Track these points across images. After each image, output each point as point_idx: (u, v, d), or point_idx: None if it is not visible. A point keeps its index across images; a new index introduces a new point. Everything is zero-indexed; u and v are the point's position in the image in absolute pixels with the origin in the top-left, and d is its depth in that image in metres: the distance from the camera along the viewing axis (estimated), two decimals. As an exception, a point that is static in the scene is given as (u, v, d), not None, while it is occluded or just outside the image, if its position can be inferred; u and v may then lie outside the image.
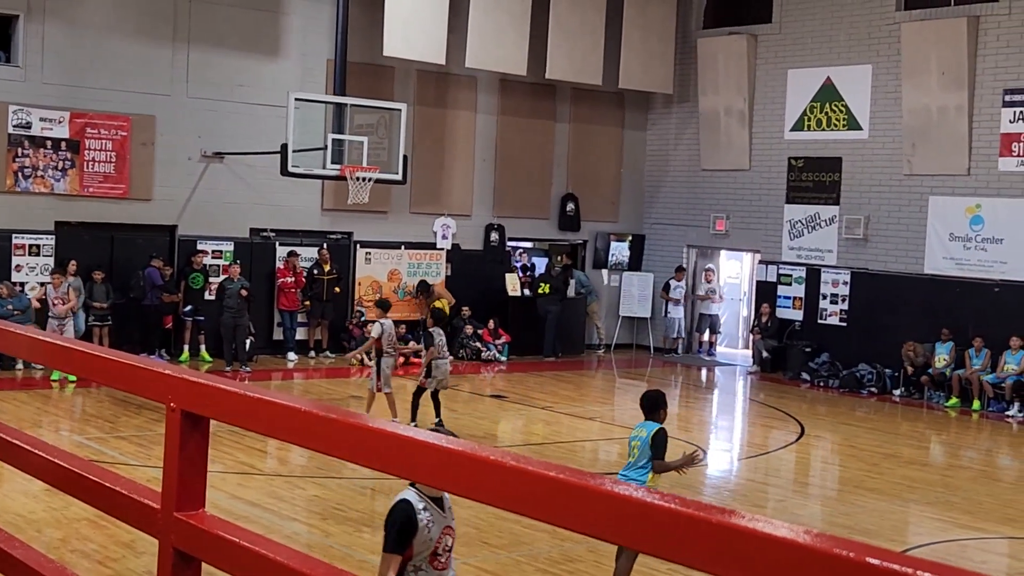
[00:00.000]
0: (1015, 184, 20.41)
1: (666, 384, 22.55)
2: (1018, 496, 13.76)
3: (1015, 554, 11.48)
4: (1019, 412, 19.35)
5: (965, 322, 20.58)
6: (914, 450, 16.63)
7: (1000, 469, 16.03)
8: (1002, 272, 20.51)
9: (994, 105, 20.71)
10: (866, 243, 22.48)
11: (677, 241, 25.88)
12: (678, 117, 26.00)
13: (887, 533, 11.48)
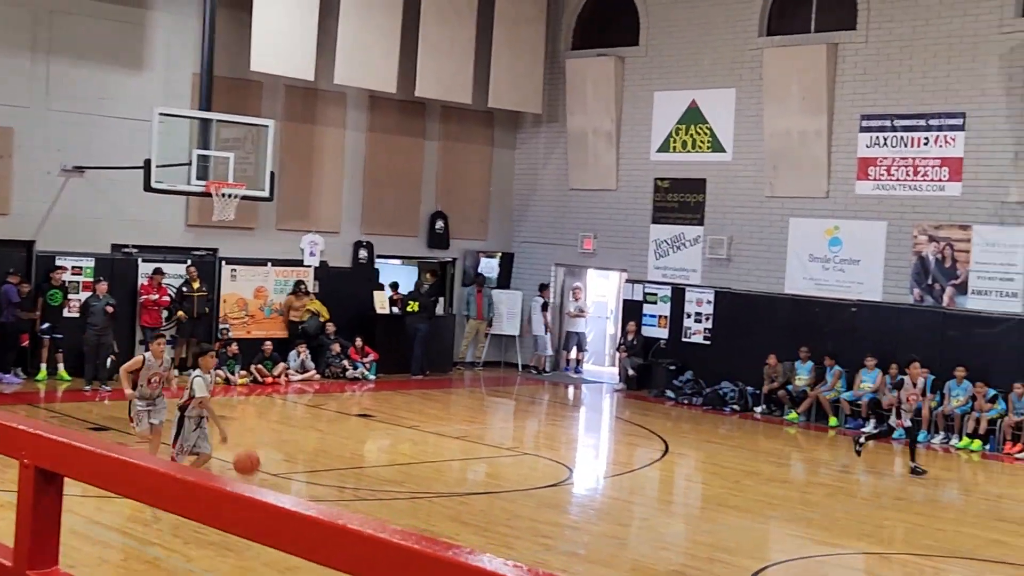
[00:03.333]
0: (871, 207, 21.05)
1: (534, 402, 22.69)
2: (872, 512, 14.16)
3: (870, 569, 11.81)
4: (874, 429, 19.92)
5: (825, 340, 21.13)
6: (774, 467, 16.99)
7: (854, 485, 16.47)
8: (859, 292, 21.13)
9: (851, 130, 21.35)
10: (729, 263, 22.95)
11: (545, 259, 26.09)
12: (547, 137, 26.23)
13: (748, 550, 11.71)
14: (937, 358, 19.71)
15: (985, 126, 19.78)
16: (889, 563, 11.79)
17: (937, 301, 20.26)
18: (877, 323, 20.73)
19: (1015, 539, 12.94)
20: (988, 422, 18.92)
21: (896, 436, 18.06)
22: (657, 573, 10.67)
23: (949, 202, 20.17)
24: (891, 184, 20.86)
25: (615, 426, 21.09)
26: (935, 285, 20.27)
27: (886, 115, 20.93)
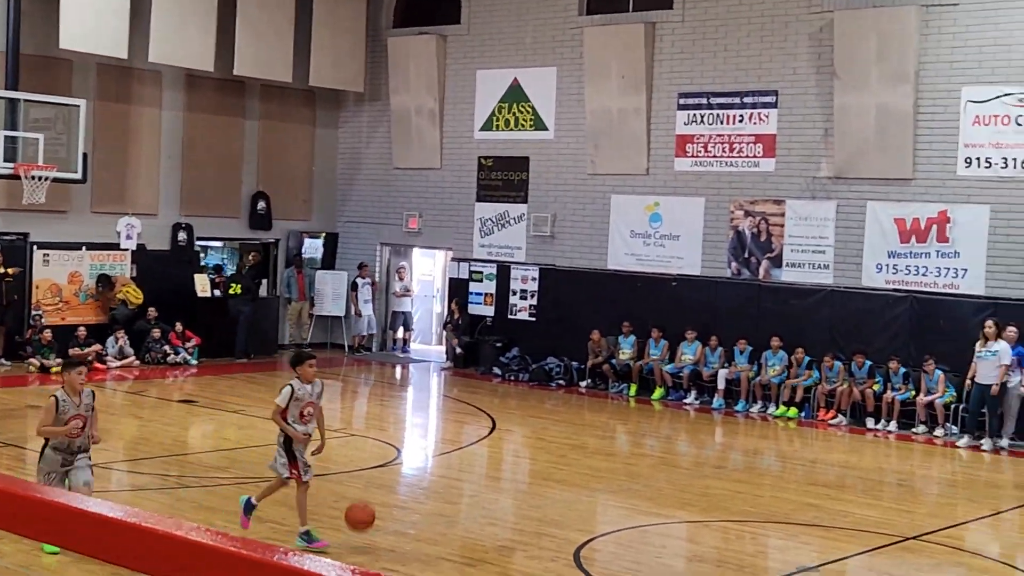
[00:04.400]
0: (689, 183, 21.51)
1: (361, 383, 22.55)
2: (694, 481, 14.50)
3: (691, 536, 12.09)
4: (696, 400, 20.43)
5: (647, 315, 21.53)
6: (600, 440, 17.26)
7: (678, 455, 16.85)
8: (679, 267, 21.58)
9: (670, 108, 21.76)
10: (553, 240, 23.17)
11: (370, 239, 25.91)
12: (370, 115, 26.03)
13: (574, 523, 11.86)
14: (754, 329, 20.31)
15: (796, 104, 20.40)
16: (710, 530, 12.08)
17: (753, 274, 20.84)
18: (697, 296, 21.22)
19: (828, 502, 13.42)
20: (803, 390, 19.57)
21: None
22: (485, 549, 10.72)
23: (764, 178, 20.75)
24: (708, 161, 21.35)
25: (443, 404, 21.12)
26: (751, 258, 20.85)
27: (702, 93, 21.39)
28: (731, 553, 11.10)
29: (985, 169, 18.58)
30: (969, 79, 18.68)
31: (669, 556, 11.39)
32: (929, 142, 19.10)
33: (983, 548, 12.11)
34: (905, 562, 11.16)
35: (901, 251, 19.35)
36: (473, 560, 10.37)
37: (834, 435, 18.46)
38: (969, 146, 18.72)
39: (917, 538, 11.91)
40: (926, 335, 18.94)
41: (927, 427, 18.35)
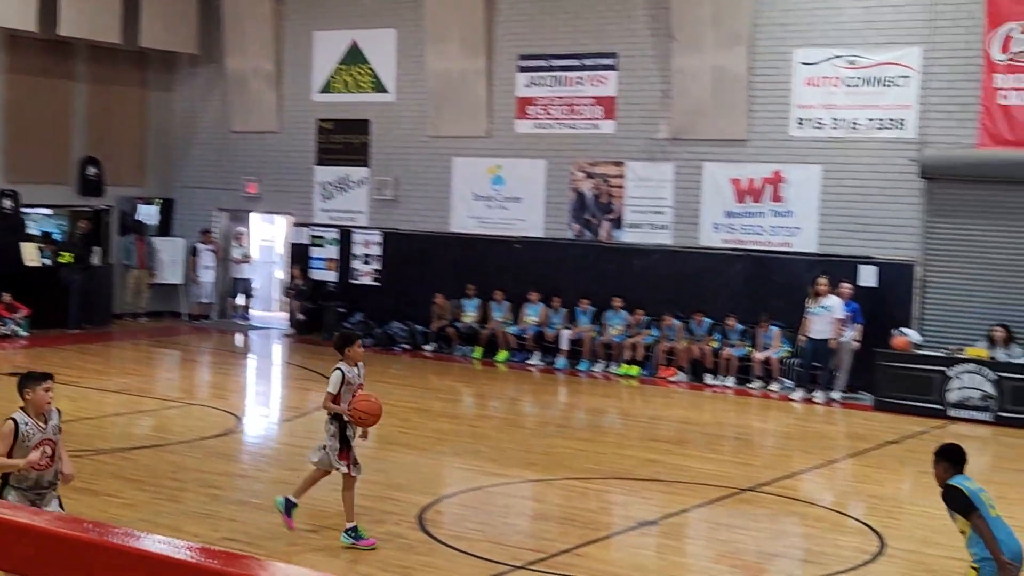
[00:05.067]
0: (531, 145, 21.55)
1: (201, 351, 22.09)
2: (538, 440, 14.60)
3: (536, 495, 12.16)
4: (540, 361, 20.57)
5: (490, 277, 21.57)
6: (444, 403, 17.24)
7: (522, 416, 16.95)
8: (522, 229, 21.65)
9: (510, 70, 21.74)
10: (396, 204, 23.00)
11: (208, 205, 25.33)
12: (205, 78, 25.39)
13: (418, 486, 11.82)
14: (596, 290, 20.51)
15: (635, 66, 20.58)
16: (554, 488, 12.18)
17: (595, 235, 21.02)
18: (539, 258, 21.33)
19: (668, 457, 13.65)
20: (644, 348, 19.86)
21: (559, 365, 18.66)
22: (328, 516, 10.60)
23: (604, 139, 20.91)
24: (549, 123, 21.41)
25: (285, 371, 20.84)
26: (592, 220, 21.02)
27: (543, 55, 21.42)
28: (575, 510, 11.20)
29: (816, 130, 19.04)
30: (800, 41, 19.09)
31: (514, 515, 11.44)
32: (763, 104, 19.48)
33: (816, 497, 12.47)
34: (742, 513, 11.42)
35: (737, 211, 19.73)
36: (316, 527, 10.25)
37: (674, 392, 18.80)
38: (801, 107, 19.15)
39: (754, 489, 12.20)
40: (762, 293, 19.38)
41: (763, 382, 18.82)
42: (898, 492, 12.99)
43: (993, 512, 7.24)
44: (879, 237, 18.60)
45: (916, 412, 16.72)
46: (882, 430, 15.83)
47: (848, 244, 18.84)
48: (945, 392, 16.86)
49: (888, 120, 18.47)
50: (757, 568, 9.84)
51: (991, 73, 17.58)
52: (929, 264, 18.26)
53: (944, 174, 18.00)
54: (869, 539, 10.39)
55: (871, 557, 9.83)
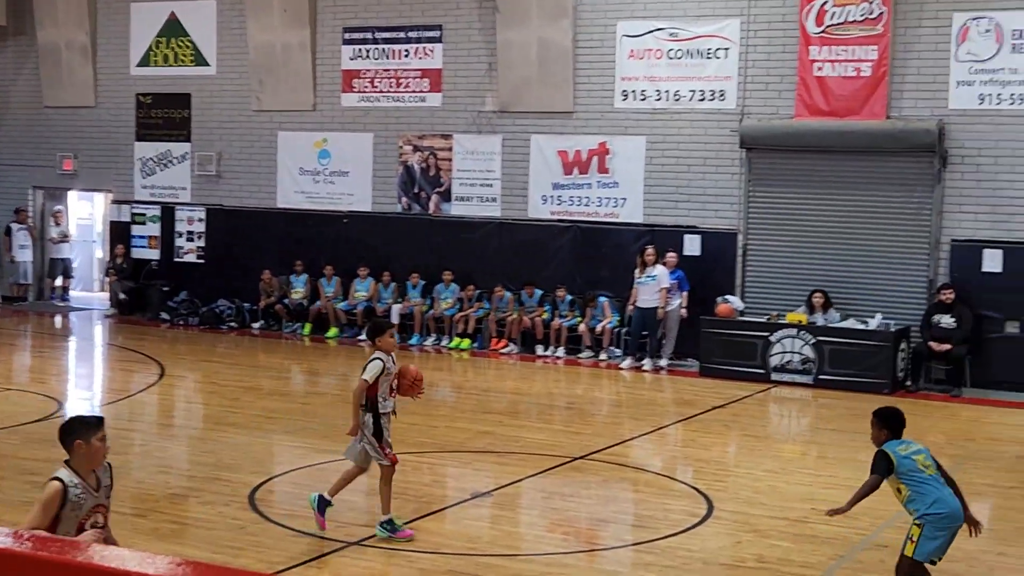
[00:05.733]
0: (358, 119, 21.33)
1: (18, 334, 21.28)
2: (371, 416, 14.47)
3: (369, 471, 12.02)
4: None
5: (319, 253, 21.30)
6: (274, 381, 16.98)
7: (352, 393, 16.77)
8: (350, 203, 21.44)
9: (335, 43, 21.46)
10: (220, 179, 22.52)
11: (22, 183, 24.37)
12: (15, 51, 24.38)
13: (248, 466, 11.61)
14: (426, 264, 20.46)
15: (461, 38, 20.52)
16: (388, 463, 12.07)
17: (424, 209, 20.95)
18: (368, 233, 21.16)
19: (501, 429, 13.71)
20: (475, 321, 19.90)
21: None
22: (156, 499, 10.33)
23: (431, 112, 20.82)
24: (376, 96, 21.22)
25: (108, 353, 20.24)
26: (421, 193, 20.94)
27: (367, 28, 21.19)
28: (408, 484, 11.14)
29: (640, 102, 19.30)
30: (624, 14, 19.30)
31: (346, 492, 11.29)
32: (588, 76, 19.65)
33: (646, 463, 12.68)
34: (574, 481, 11.54)
35: (564, 183, 19.89)
36: (144, 510, 9.97)
37: (506, 363, 18.90)
38: (625, 79, 19.39)
39: (585, 457, 12.34)
40: (590, 263, 19.61)
41: (593, 351, 19.06)
42: (724, 455, 13.31)
43: (930, 472, 7.41)
44: (702, 207, 18.99)
45: (740, 377, 17.16)
46: (708, 395, 16.20)
47: (673, 214, 19.17)
48: (767, 357, 17.34)
49: (709, 92, 18.84)
50: (589, 535, 9.95)
51: (807, 45, 18.07)
52: (751, 232, 18.73)
53: (763, 144, 18.47)
54: (697, 502, 10.61)
55: (699, 520, 10.05)
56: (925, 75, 17.57)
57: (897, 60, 17.66)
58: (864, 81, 17.77)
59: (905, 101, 17.67)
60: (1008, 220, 17.17)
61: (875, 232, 17.89)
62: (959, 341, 16.88)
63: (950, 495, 7.40)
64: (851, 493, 7.54)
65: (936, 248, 17.56)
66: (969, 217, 17.39)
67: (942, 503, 7.30)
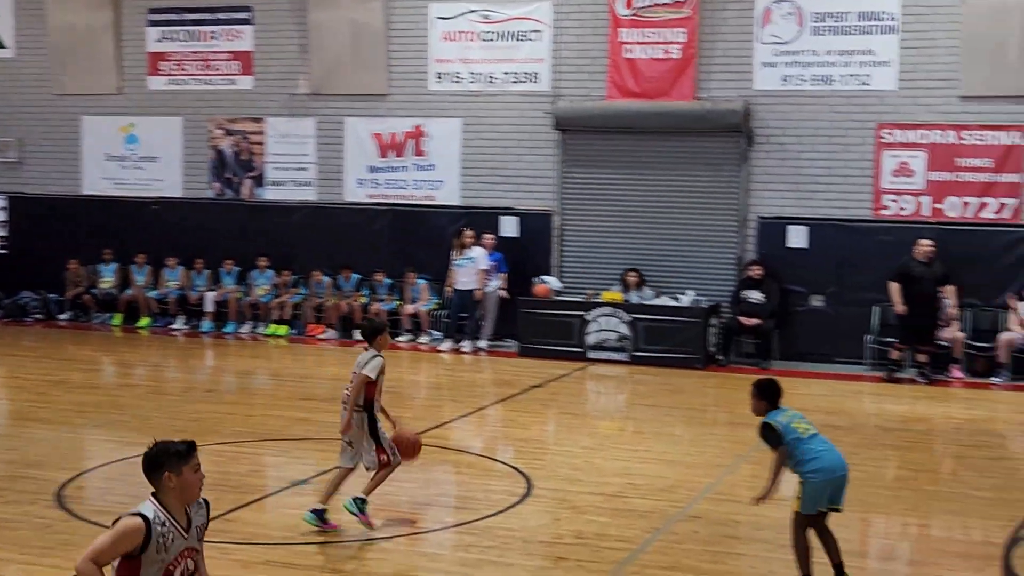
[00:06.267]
0: (166, 102, 20.78)
1: None
2: (184, 407, 14.14)
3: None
4: (184, 325, 19.95)
5: (128, 241, 20.69)
6: (83, 374, 16.44)
7: (167, 382, 16.39)
8: (159, 189, 20.90)
9: (140, 24, 20.84)
10: (21, 166, 21.68)
11: None
12: None
13: (56, 462, 11.20)
14: (240, 250, 20.08)
15: (271, 20, 20.16)
16: (203, 454, 11.65)
17: (236, 194, 20.55)
18: (179, 219, 20.66)
19: (320, 415, 13.53)
20: (292, 307, 19.63)
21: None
22: None
23: (242, 95, 20.42)
24: (184, 79, 20.70)
25: (-97, 350, 19.27)
26: (234, 178, 20.54)
27: (174, 8, 20.64)
28: (226, 475, 10.91)
29: (455, 84, 19.30)
30: (436, -4, 19.27)
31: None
32: (402, 58, 19.54)
33: (467, 444, 12.72)
34: (395, 465, 11.47)
35: (380, 166, 19.77)
36: (-57, 513, 9.52)
37: (325, 349, 18.71)
38: (439, 61, 19.35)
39: (406, 441, 12.28)
40: (408, 246, 19.54)
41: (412, 335, 19.00)
42: (543, 434, 13.44)
43: (809, 432, 7.79)
44: (519, 188, 19.11)
45: (558, 356, 17.34)
46: (527, 375, 16.33)
47: (489, 196, 19.24)
48: (584, 335, 17.58)
49: (523, 74, 18.94)
50: (410, 518, 9.91)
51: (617, 28, 18.33)
52: (566, 213, 18.93)
53: (577, 125, 18.67)
54: (517, 481, 10.68)
55: (519, 499, 10.11)
56: (731, 57, 18.02)
57: (704, 42, 18.07)
58: (673, 63, 18.12)
59: (713, 82, 18.10)
60: (811, 197, 17.76)
61: (686, 211, 18.29)
62: (767, 315, 17.40)
63: (829, 451, 7.81)
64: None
65: (744, 225, 18.06)
66: (775, 195, 17.93)
67: (821, 459, 7.69)
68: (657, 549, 8.80)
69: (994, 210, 17.04)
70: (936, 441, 13.23)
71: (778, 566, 8.43)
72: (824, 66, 17.57)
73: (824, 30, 17.56)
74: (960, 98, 17.11)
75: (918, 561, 8.93)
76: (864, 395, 15.87)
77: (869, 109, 17.46)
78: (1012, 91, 16.83)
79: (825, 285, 17.70)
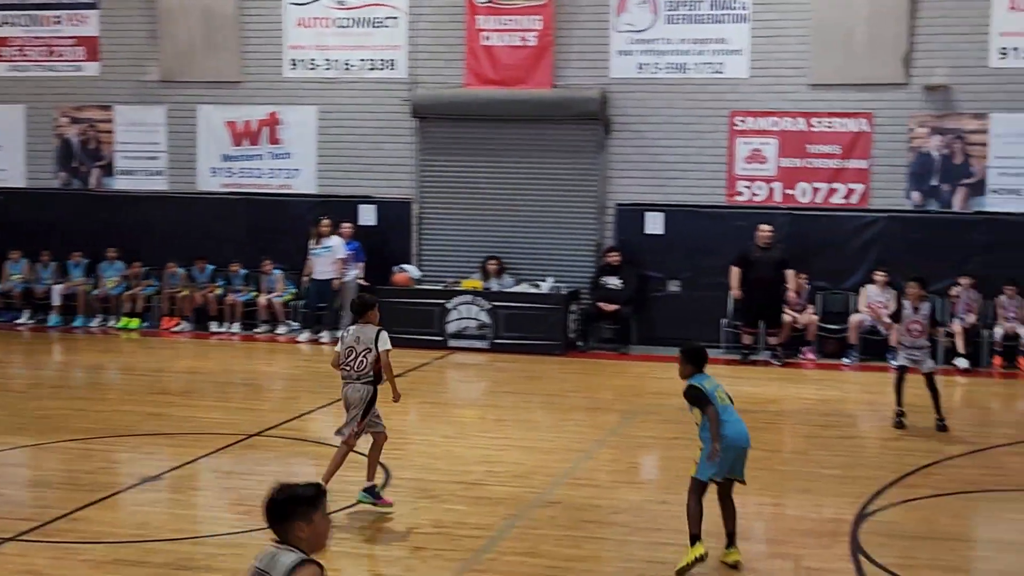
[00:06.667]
0: (8, 90, 20.17)
1: None
2: (30, 404, 13.66)
3: (32, 462, 11.35)
4: (31, 319, 19.30)
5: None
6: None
7: (12, 379, 15.82)
8: (2, 180, 20.23)
9: (-21, 8, 20.10)
10: None
11: None
12: None
13: None
14: (89, 241, 19.51)
15: (118, 5, 19.63)
16: (51, 452, 11.43)
17: (84, 184, 19.96)
18: (24, 211, 19.96)
19: (173, 409, 13.23)
20: (145, 299, 19.14)
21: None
22: None
23: (89, 82, 19.84)
24: (27, 66, 20.02)
25: None
26: (81, 167, 19.94)
27: (15, -8, 19.97)
28: (74, 473, 10.58)
29: (310, 71, 19.03)
30: (289, -19, 18.96)
31: (7, 484, 10.63)
32: (256, 45, 19.20)
33: (325, 436, 12.48)
34: (250, 458, 11.24)
35: (234, 154, 19.39)
36: None
37: (179, 342, 18.29)
38: (294, 48, 19.05)
39: (261, 434, 12.07)
40: (264, 236, 19.20)
41: (269, 326, 18.70)
42: (403, 424, 13.25)
43: (725, 402, 8.15)
44: (377, 176, 18.93)
45: (419, 345, 17.21)
46: (386, 365, 16.14)
47: (347, 184, 19.03)
48: (445, 324, 17.49)
49: (380, 61, 18.76)
50: (266, 512, 9.69)
51: (473, 15, 18.26)
52: (425, 201, 18.82)
53: (435, 113, 18.56)
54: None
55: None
56: (588, 45, 18.10)
57: (561, 30, 18.11)
58: (530, 51, 18.13)
59: (570, 70, 18.16)
60: (667, 184, 17.95)
61: (545, 198, 18.33)
62: (625, 301, 17.55)
63: (737, 423, 8.16)
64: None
65: (602, 212, 18.17)
66: (632, 182, 18.08)
67: (728, 430, 8.01)
68: (515, 536, 8.77)
69: (843, 195, 17.44)
70: (788, 421, 13.48)
71: (635, 548, 8.47)
72: (678, 54, 17.77)
73: (678, 19, 17.74)
74: (810, 86, 17.47)
75: (773, 540, 9.06)
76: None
77: (722, 97, 17.71)
78: (859, 79, 17.24)
79: (681, 270, 17.92)
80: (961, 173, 17.09)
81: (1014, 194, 16.92)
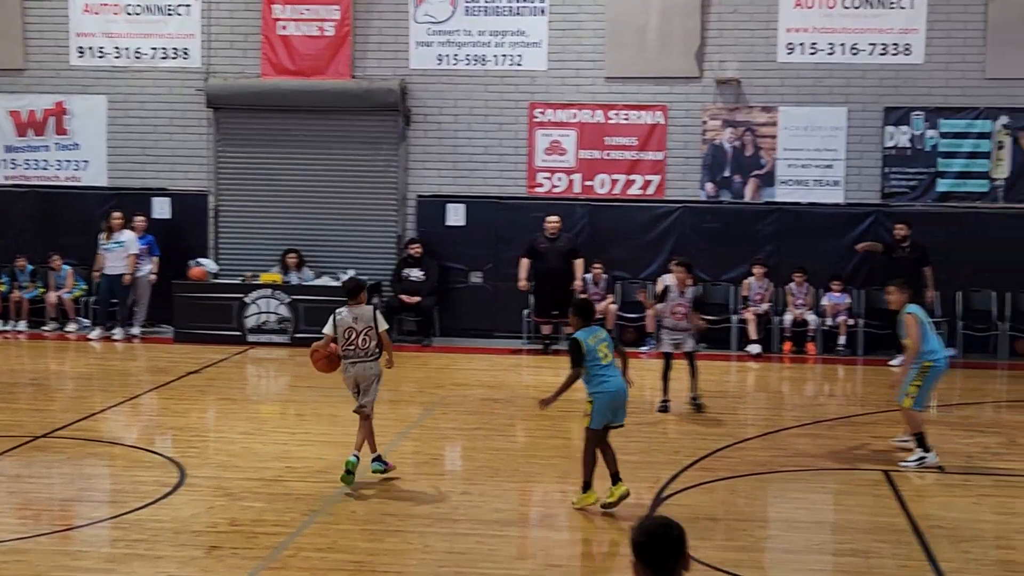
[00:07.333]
0: None
1: None
2: None
3: None
4: None
5: None
6: None
7: None
8: None
9: None
10: None
11: None
12: None
13: None
14: None
15: None
16: None
17: None
18: None
19: (-47, 412, 12.62)
20: (-77, 299, 18.22)
21: None
22: None
23: None
24: None
25: None
26: None
27: None
28: None
29: (99, 59, 18.39)
30: (76, -35, 18.26)
31: None
32: (40, 31, 18.46)
33: (117, 435, 12.09)
34: (36, 461, 10.76)
35: (19, 145, 18.62)
36: None
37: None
38: (81, 35, 18.38)
39: (49, 435, 11.59)
40: (52, 230, 18.49)
41: (58, 323, 18.00)
42: (200, 422, 12.96)
43: (606, 360, 8.94)
44: (171, 168, 18.44)
45: (216, 340, 16.84)
46: (183, 361, 15.75)
47: (140, 176, 18.48)
48: (243, 319, 17.14)
49: (172, 49, 18.27)
50: (54, 516, 9.31)
51: (270, 4, 17.94)
52: (222, 193, 18.42)
53: (231, 104, 18.16)
54: (170, 471, 10.24)
55: (172, 488, 9.69)
56: (387, 36, 17.98)
57: (359, 21, 17.94)
58: (328, 41, 17.91)
59: (369, 61, 18.00)
60: (468, 175, 17.98)
61: (345, 190, 18.14)
62: (428, 293, 17.50)
63: (616, 377, 8.98)
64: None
65: (404, 204, 18.09)
66: (433, 173, 18.05)
67: (608, 384, 8.90)
68: (314, 531, 8.62)
69: (640, 187, 17.78)
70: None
71: (434, 540, 8.44)
72: (478, 46, 17.81)
73: (477, 10, 17.78)
74: (606, 79, 17.74)
75: (574, 527, 9.14)
76: (522, 368, 16.24)
77: (522, 89, 17.83)
78: (653, 72, 17.59)
79: (483, 262, 17.98)
80: (752, 165, 17.63)
81: (801, 185, 17.54)
